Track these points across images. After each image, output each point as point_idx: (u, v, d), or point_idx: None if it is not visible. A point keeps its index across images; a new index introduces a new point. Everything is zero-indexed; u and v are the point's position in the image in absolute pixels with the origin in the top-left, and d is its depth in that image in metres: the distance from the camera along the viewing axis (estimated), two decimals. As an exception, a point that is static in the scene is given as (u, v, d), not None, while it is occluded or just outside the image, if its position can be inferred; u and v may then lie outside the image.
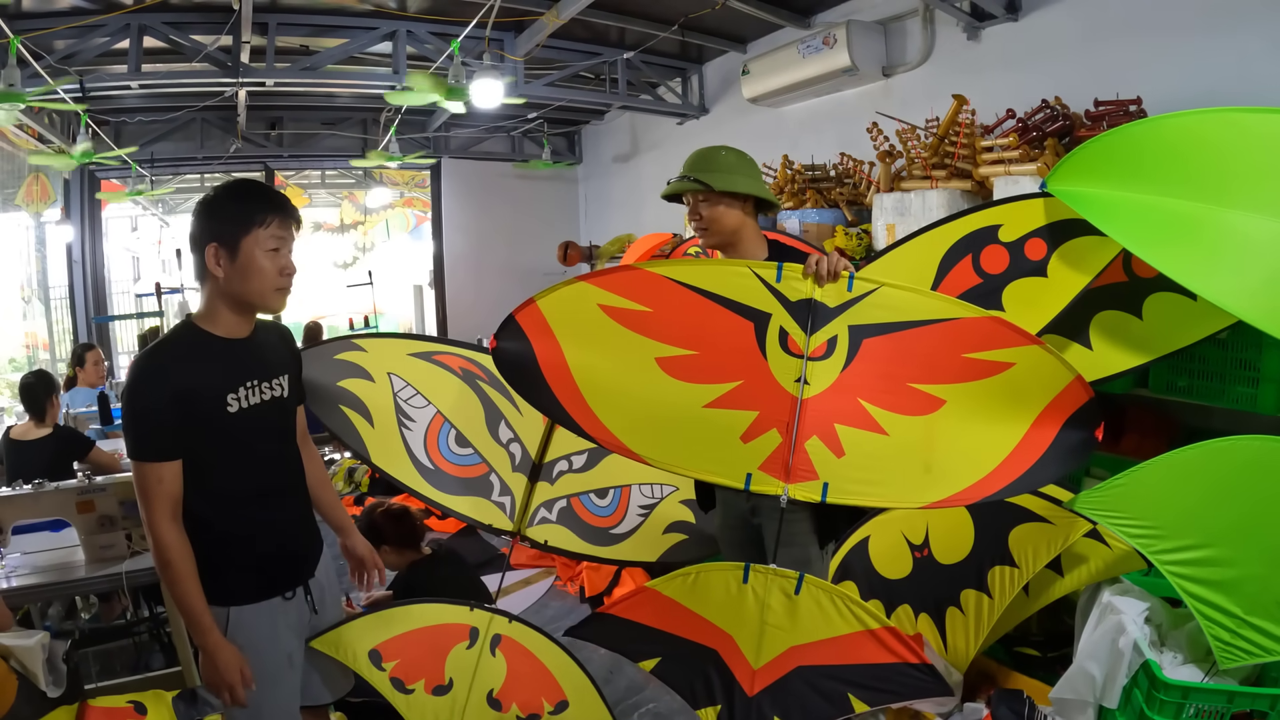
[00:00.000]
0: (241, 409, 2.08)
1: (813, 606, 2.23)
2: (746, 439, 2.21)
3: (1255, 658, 2.18)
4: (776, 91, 5.82)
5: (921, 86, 5.10)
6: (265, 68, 5.61)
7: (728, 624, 2.31)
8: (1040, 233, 2.82)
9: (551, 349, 2.25)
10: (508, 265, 9.63)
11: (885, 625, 2.24)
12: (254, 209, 2.04)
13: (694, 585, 2.32)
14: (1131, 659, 2.30)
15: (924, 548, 3.19)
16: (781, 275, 2.15)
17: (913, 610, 3.17)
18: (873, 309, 2.15)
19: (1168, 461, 2.30)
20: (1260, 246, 2.24)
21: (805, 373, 2.16)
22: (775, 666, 2.28)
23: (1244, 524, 2.20)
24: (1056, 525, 2.80)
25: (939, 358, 2.16)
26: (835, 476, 2.18)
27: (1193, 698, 2.16)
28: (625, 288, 2.20)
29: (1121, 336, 2.92)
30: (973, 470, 2.17)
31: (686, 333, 2.21)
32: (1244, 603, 2.19)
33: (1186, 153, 2.39)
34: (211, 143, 8.10)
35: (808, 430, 2.18)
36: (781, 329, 2.18)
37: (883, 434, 2.17)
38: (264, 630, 2.17)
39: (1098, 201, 2.50)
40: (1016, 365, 2.12)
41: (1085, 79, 4.01)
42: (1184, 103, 2.54)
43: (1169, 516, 2.28)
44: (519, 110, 7.88)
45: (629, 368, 2.24)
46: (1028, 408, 2.16)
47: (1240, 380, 3.02)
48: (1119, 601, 2.44)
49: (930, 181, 4.04)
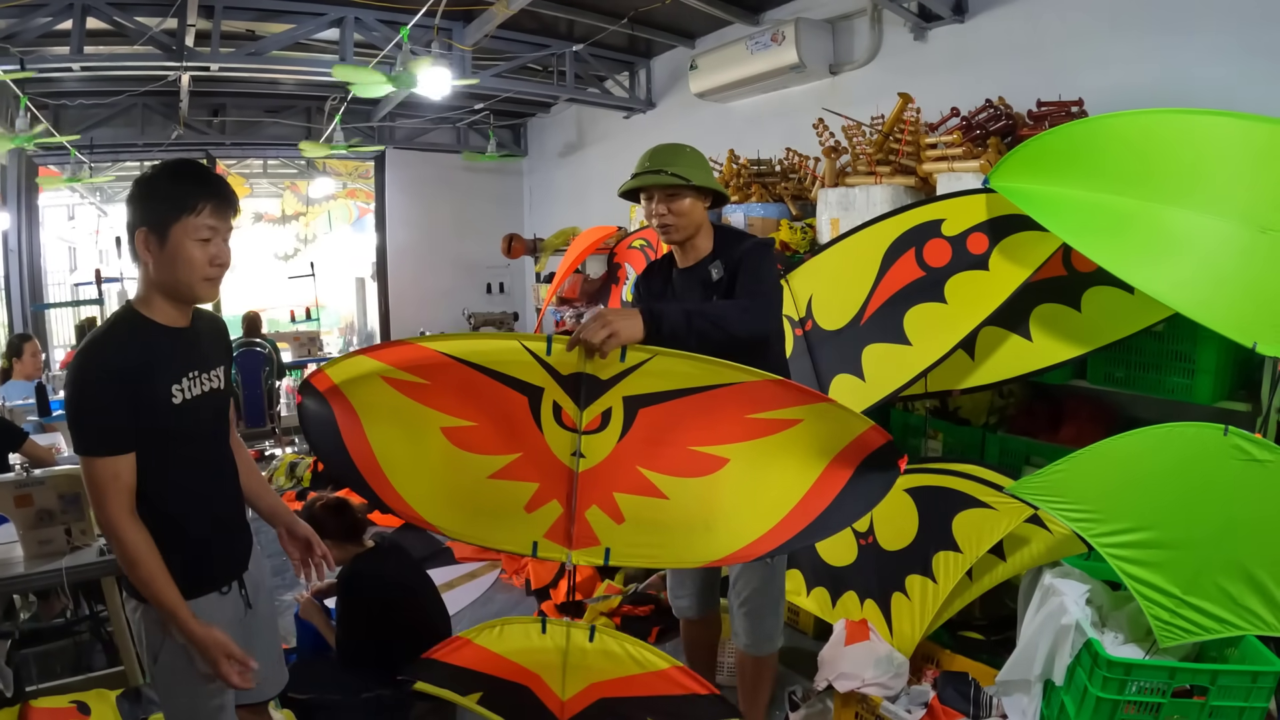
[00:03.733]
0: (185, 400, 2.02)
1: (606, 651, 2.32)
2: (530, 509, 2.24)
3: (1194, 636, 2.28)
4: (724, 87, 5.84)
5: (868, 85, 5.15)
6: (210, 52, 5.51)
7: (534, 665, 2.40)
8: (982, 227, 2.91)
9: (350, 418, 2.21)
10: (452, 258, 9.61)
11: (674, 665, 2.29)
12: (187, 194, 1.94)
13: (500, 635, 2.42)
14: (1074, 639, 2.36)
15: (869, 535, 3.26)
16: (551, 349, 2.01)
17: (858, 597, 3.23)
18: (647, 378, 2.03)
19: (1106, 448, 2.37)
20: (1194, 242, 2.32)
21: (580, 446, 2.13)
22: (581, 698, 2.39)
23: (1181, 507, 2.28)
24: (999, 511, 2.87)
25: (720, 420, 2.08)
26: (617, 541, 2.23)
27: (1135, 674, 2.23)
28: (401, 361, 2.10)
29: (1060, 328, 3.00)
30: (759, 523, 2.16)
31: (465, 404, 2.16)
32: (1182, 583, 2.28)
33: (1125, 151, 2.46)
34: (153, 129, 7.94)
35: (586, 501, 2.19)
36: (555, 403, 2.11)
37: (662, 498, 2.17)
38: None
39: (1039, 197, 2.57)
40: (804, 421, 2.04)
41: (1029, 80, 4.10)
42: (1125, 104, 2.63)
43: (1108, 501, 2.36)
44: (465, 101, 7.83)
45: (417, 437, 2.21)
46: (818, 456, 2.08)
47: (1176, 371, 3.09)
48: (1060, 584, 2.51)
49: (875, 177, 4.10)
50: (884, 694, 2.85)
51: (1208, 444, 2.24)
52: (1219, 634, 2.29)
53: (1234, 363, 3.10)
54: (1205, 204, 2.32)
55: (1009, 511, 2.83)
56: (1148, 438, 2.32)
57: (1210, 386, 3.03)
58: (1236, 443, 2.21)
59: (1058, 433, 3.61)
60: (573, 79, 6.88)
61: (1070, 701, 2.36)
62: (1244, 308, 2.23)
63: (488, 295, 9.83)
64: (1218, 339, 2.89)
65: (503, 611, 4.53)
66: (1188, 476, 2.27)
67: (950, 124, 4.10)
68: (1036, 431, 3.67)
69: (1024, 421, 3.77)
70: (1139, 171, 2.42)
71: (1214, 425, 2.24)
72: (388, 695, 3.35)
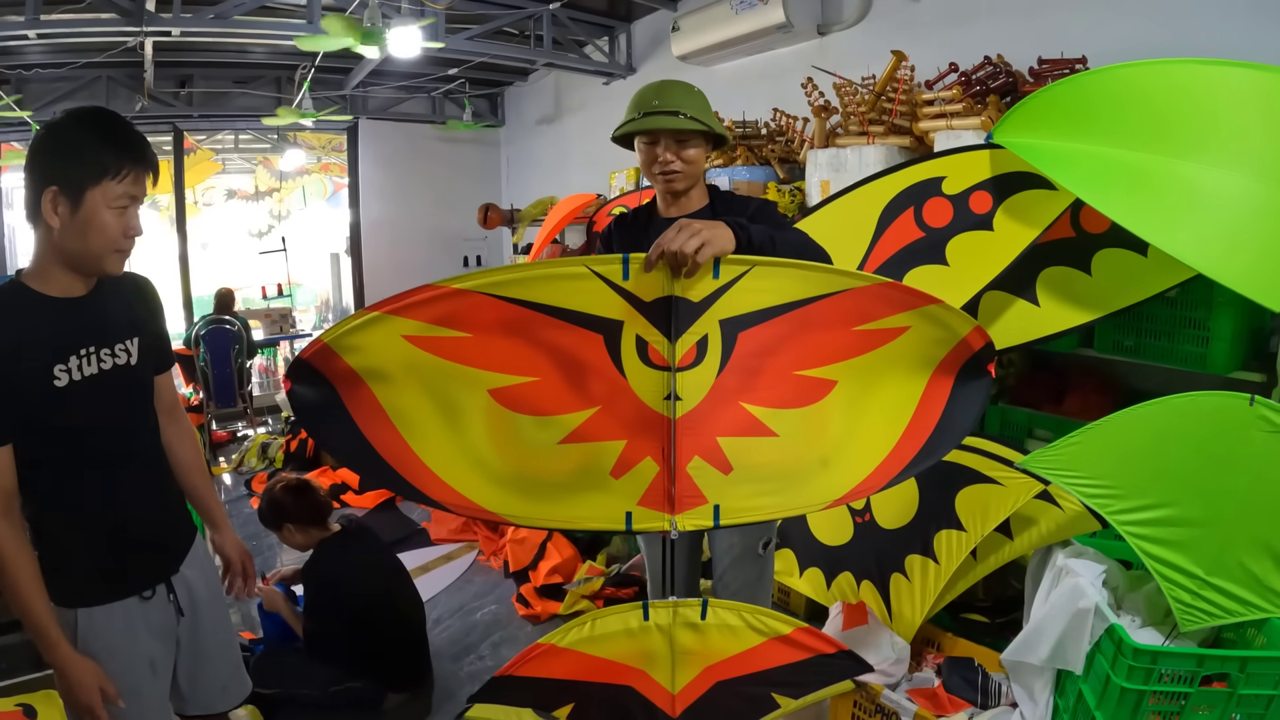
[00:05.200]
0: (74, 381, 1.79)
1: (721, 627, 2.02)
2: (618, 473, 1.85)
3: (1217, 619, 2.14)
4: (708, 49, 5.69)
5: (858, 45, 5.01)
6: (172, 16, 5.26)
7: (637, 660, 2.06)
8: (986, 185, 2.78)
9: (364, 399, 1.76)
10: (428, 231, 9.43)
11: (799, 627, 2.06)
12: (109, 156, 1.73)
13: (592, 632, 2.01)
14: (1095, 624, 2.22)
15: (865, 512, 3.12)
16: (628, 270, 1.65)
17: (854, 578, 3.09)
18: (746, 294, 1.71)
19: (1124, 419, 2.24)
20: (1215, 199, 2.19)
21: (675, 387, 1.76)
22: (694, 687, 2.10)
23: (1204, 482, 2.14)
24: (1005, 487, 2.74)
25: (826, 336, 1.80)
26: (726, 495, 1.87)
27: (1162, 662, 2.08)
28: (428, 311, 1.65)
29: (1069, 293, 2.88)
30: (875, 451, 1.93)
31: (519, 356, 1.74)
32: (1205, 563, 2.13)
33: (1138, 103, 2.33)
34: (118, 102, 7.62)
35: (687, 452, 1.81)
36: (638, 337, 1.73)
37: (772, 435, 1.85)
38: (119, 635, 1.91)
39: (1049, 152, 2.45)
40: (912, 328, 1.83)
41: (1028, 37, 3.95)
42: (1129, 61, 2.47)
43: (1126, 475, 2.22)
44: (439, 69, 7.62)
45: (459, 408, 1.79)
46: (922, 366, 1.91)
47: (1189, 339, 2.99)
48: (1075, 564, 2.36)
49: (867, 137, 3.94)
50: (884, 681, 2.71)
51: (1232, 415, 2.09)
52: (1243, 617, 2.14)
53: (1248, 331, 3.00)
54: (1223, 159, 2.18)
55: (1017, 487, 2.70)
56: (1169, 408, 2.17)
57: (1225, 355, 2.93)
58: (1263, 413, 2.05)
59: (1061, 404, 3.48)
60: (550, 43, 6.68)
61: (1090, 692, 2.21)
62: (1266, 269, 2.08)
63: (465, 268, 9.61)
64: (1234, 305, 2.80)
65: (480, 594, 4.42)
66: (1211, 450, 2.13)
67: (948, 80, 3.94)
68: (1039, 403, 3.54)
69: (1025, 392, 3.64)
70: (1154, 124, 2.28)
71: (1239, 395, 2.09)
72: (359, 688, 3.22)
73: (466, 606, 4.27)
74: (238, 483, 6.34)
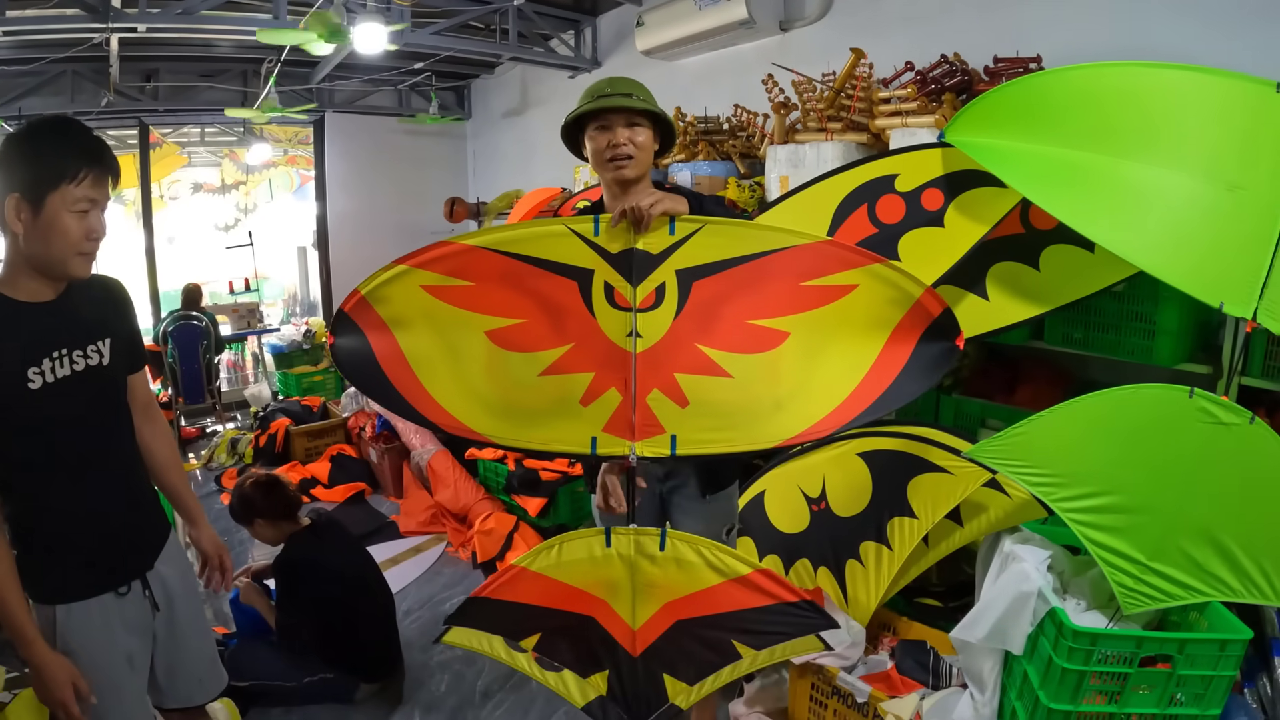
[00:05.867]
0: (47, 384, 1.84)
1: (680, 561, 2.15)
2: (586, 402, 2.11)
3: (1159, 603, 2.23)
4: (671, 44, 5.72)
5: (819, 41, 5.06)
6: (137, 12, 5.21)
7: (599, 590, 2.22)
8: (937, 183, 2.83)
9: (386, 341, 2.13)
10: (394, 224, 9.36)
11: (757, 569, 2.15)
12: (67, 160, 1.77)
13: (559, 556, 2.21)
14: (1037, 607, 2.30)
15: (821, 501, 3.18)
16: (599, 228, 2.03)
17: (811, 564, 3.16)
18: (698, 249, 2.03)
19: (1068, 410, 2.30)
20: (1159, 198, 2.27)
21: (636, 325, 2.06)
22: (654, 624, 2.22)
23: (1145, 471, 2.23)
24: (955, 475, 2.81)
25: (776, 290, 2.05)
26: (682, 427, 2.09)
27: (1101, 644, 2.17)
28: (443, 264, 2.08)
29: (1018, 288, 2.94)
30: (828, 398, 2.09)
31: (511, 302, 2.09)
32: (1147, 549, 2.22)
33: (1086, 105, 2.40)
34: (83, 97, 7.51)
35: (647, 384, 2.08)
36: (606, 284, 2.06)
37: (727, 376, 2.07)
38: (96, 631, 1.96)
39: (997, 152, 2.51)
40: (860, 286, 2.02)
41: (985, 37, 4.03)
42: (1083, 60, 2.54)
43: (1071, 464, 2.29)
44: (406, 62, 7.59)
45: (462, 347, 2.13)
46: (879, 327, 2.07)
47: (1136, 333, 3.08)
48: (1021, 550, 2.44)
49: (825, 134, 4.00)
50: (840, 664, 2.78)
51: (1173, 406, 2.19)
52: (1184, 600, 2.24)
53: (1194, 325, 3.09)
54: (1169, 159, 2.26)
55: (966, 476, 2.77)
56: (1111, 399, 2.25)
57: (1171, 348, 3.02)
58: (1202, 405, 2.15)
59: (1013, 395, 3.57)
60: (516, 37, 6.67)
61: (1034, 672, 2.30)
62: (1210, 266, 2.18)
63: (434, 262, 9.61)
64: (1179, 300, 2.88)
65: (450, 585, 4.47)
66: (1152, 440, 2.22)
67: (904, 78, 4.01)
68: (992, 393, 3.63)
69: (979, 383, 3.72)
70: (1101, 125, 2.35)
71: (1179, 387, 2.18)
72: (333, 679, 3.26)
73: (436, 597, 4.31)
74: (207, 479, 6.32)
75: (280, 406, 7.01)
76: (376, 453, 5.93)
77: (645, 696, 2.28)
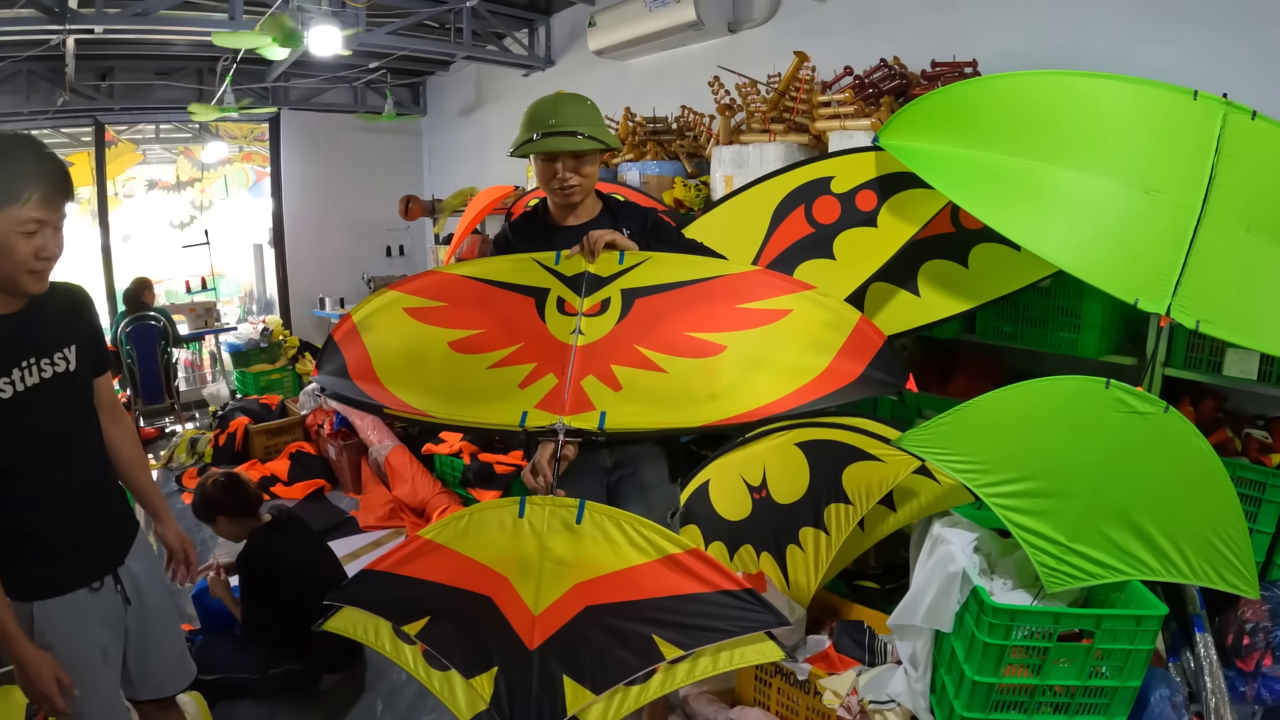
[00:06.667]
0: (18, 393, 1.88)
1: (598, 536, 1.95)
2: (524, 385, 2.22)
3: (1080, 581, 2.35)
4: (622, 44, 5.82)
5: (766, 43, 5.17)
6: (95, 14, 5.20)
7: (503, 566, 1.99)
8: (871, 185, 2.95)
9: (359, 353, 2.37)
10: (350, 221, 9.41)
11: (687, 549, 1.92)
12: (10, 181, 1.76)
13: (467, 528, 2.06)
14: (962, 586, 2.43)
15: (762, 489, 3.29)
16: (560, 259, 2.33)
17: (754, 550, 3.27)
18: (644, 274, 2.28)
19: (990, 401, 2.41)
20: (1078, 200, 2.38)
21: (579, 325, 2.25)
22: (558, 610, 1.93)
23: (1065, 458, 2.34)
24: (887, 463, 2.91)
25: (713, 309, 2.22)
26: (612, 406, 2.13)
27: (1020, 620, 2.30)
28: (426, 289, 2.39)
29: (948, 284, 3.07)
30: (763, 396, 2.10)
31: (475, 317, 2.33)
32: (1067, 531, 2.34)
33: (1010, 111, 2.51)
34: (38, 95, 7.43)
35: (583, 371, 2.19)
36: (559, 298, 2.30)
37: (661, 371, 2.17)
38: (72, 625, 2.03)
39: (925, 156, 2.61)
40: (795, 310, 2.16)
41: (926, 42, 4.16)
42: (1019, 66, 2.68)
43: (993, 452, 2.39)
44: (362, 60, 7.60)
45: (425, 354, 2.33)
46: (821, 348, 2.13)
47: (1062, 326, 3.21)
48: (948, 533, 2.56)
49: (769, 135, 4.12)
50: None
51: (1090, 397, 2.30)
52: (1104, 579, 2.35)
53: (1120, 319, 3.22)
54: (1089, 164, 2.38)
55: (897, 463, 2.87)
56: (1030, 391, 2.36)
57: (1095, 341, 3.15)
58: (1118, 395, 2.27)
59: (948, 386, 3.70)
60: (470, 36, 6.72)
61: (960, 647, 2.43)
62: (1126, 265, 2.30)
63: (388, 258, 9.69)
64: (1102, 296, 2.97)
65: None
66: (1071, 428, 2.33)
67: (844, 83, 4.13)
68: (927, 385, 3.75)
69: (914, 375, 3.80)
70: (1024, 131, 2.48)
71: (1096, 379, 2.30)
72: (297, 670, 3.33)
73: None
74: (168, 478, 6.30)
75: (239, 405, 7.01)
76: (335, 449, 5.97)
77: (537, 705, 1.89)
